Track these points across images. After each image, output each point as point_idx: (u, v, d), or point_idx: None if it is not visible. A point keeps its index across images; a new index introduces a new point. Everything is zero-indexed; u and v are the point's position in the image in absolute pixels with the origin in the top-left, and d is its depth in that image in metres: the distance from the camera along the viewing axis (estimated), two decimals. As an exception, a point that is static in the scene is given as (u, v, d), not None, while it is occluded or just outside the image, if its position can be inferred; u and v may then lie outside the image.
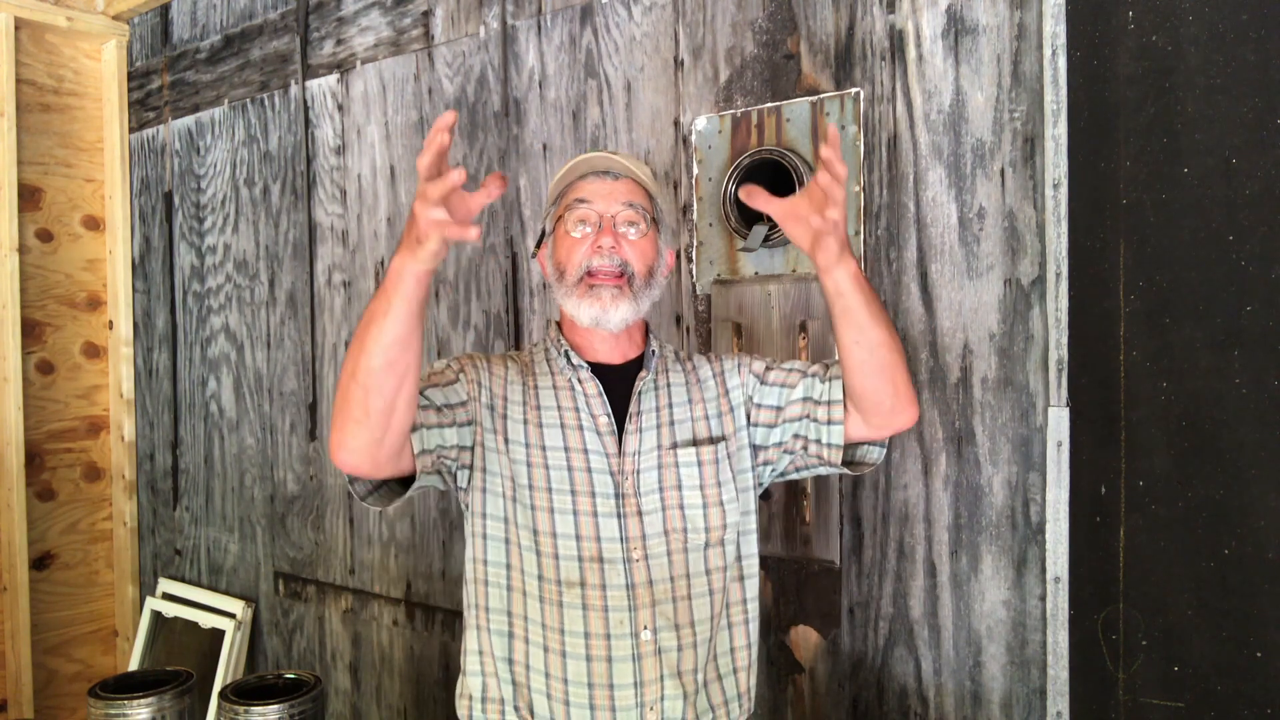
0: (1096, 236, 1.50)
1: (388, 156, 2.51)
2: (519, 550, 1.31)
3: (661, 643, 1.29)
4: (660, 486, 1.33)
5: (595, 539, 1.29)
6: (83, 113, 3.21)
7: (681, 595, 1.32)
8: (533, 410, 1.35)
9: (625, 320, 1.33)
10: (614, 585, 1.28)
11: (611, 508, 1.31)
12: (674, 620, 1.30)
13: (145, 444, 3.29)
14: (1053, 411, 1.53)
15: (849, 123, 1.74)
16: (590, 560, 1.29)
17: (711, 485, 1.36)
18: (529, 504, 1.30)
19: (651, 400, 1.38)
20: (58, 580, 3.11)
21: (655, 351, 1.42)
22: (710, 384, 1.43)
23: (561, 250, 1.37)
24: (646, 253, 1.36)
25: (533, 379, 1.39)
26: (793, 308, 1.80)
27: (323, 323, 2.70)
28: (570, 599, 1.28)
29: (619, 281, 1.33)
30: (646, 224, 1.36)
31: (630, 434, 1.34)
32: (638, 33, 2.04)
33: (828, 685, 1.79)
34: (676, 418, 1.38)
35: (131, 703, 2.27)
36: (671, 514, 1.33)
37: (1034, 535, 1.57)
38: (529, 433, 1.33)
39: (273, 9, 2.80)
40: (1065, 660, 1.52)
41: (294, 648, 2.82)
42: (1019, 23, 1.57)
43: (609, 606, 1.28)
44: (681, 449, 1.35)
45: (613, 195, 1.35)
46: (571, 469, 1.32)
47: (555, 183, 1.42)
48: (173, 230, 3.17)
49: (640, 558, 1.30)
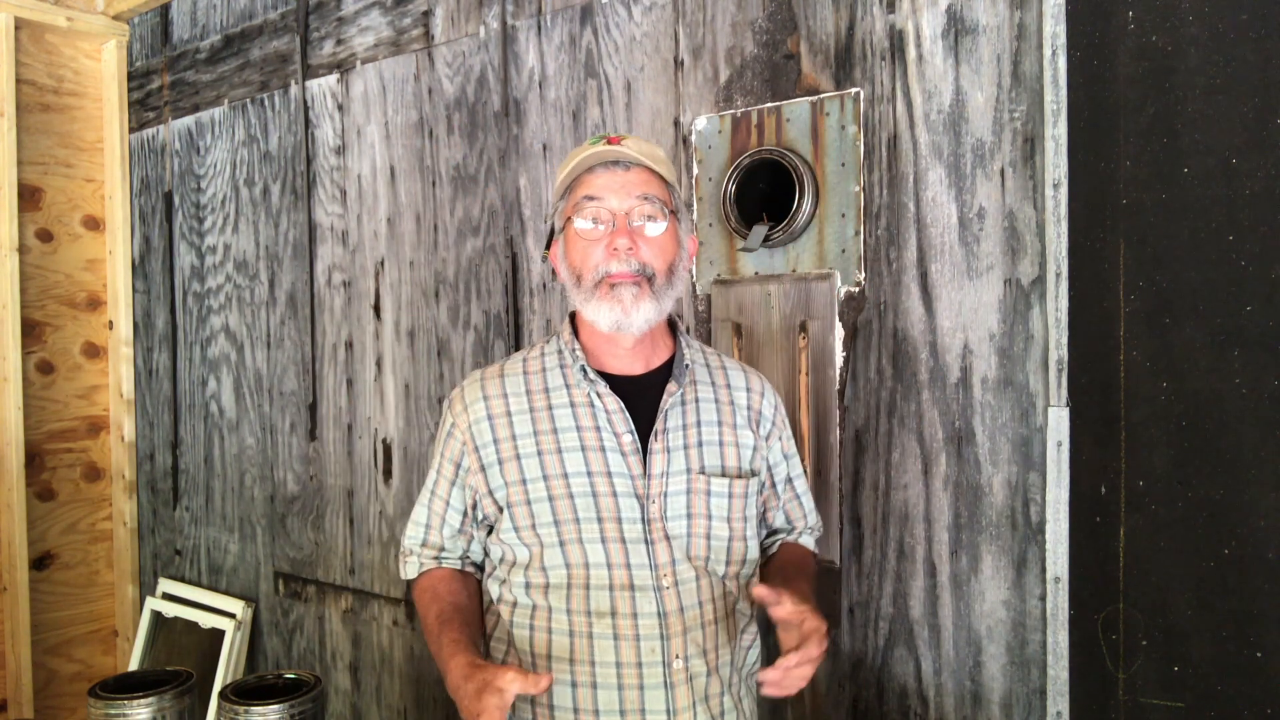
0: (1096, 236, 1.50)
1: (388, 156, 2.51)
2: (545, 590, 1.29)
3: (693, 669, 1.27)
4: (689, 513, 1.29)
5: (625, 566, 1.25)
6: (83, 113, 3.21)
7: (709, 620, 1.29)
8: (547, 436, 1.29)
9: (649, 322, 1.27)
10: (645, 614, 1.25)
11: (639, 533, 1.26)
12: (702, 646, 1.28)
13: (145, 444, 3.29)
14: (1053, 411, 1.53)
15: (849, 123, 1.74)
16: (621, 589, 1.25)
17: (739, 519, 1.33)
18: (557, 540, 1.27)
19: (679, 418, 1.31)
20: (58, 580, 3.11)
21: (686, 360, 1.35)
22: (744, 411, 1.38)
23: (575, 253, 1.29)
24: (666, 248, 1.28)
25: (544, 397, 1.32)
26: (793, 308, 1.80)
27: (323, 323, 2.70)
28: (600, 630, 1.25)
29: (638, 280, 1.26)
30: (664, 216, 1.28)
31: (656, 454, 1.28)
32: (638, 33, 2.04)
33: (828, 685, 1.79)
34: (705, 438, 1.32)
35: (131, 703, 2.27)
36: (698, 542, 1.29)
37: (1034, 535, 1.57)
38: (546, 464, 1.28)
39: (273, 9, 2.80)
40: (1065, 660, 1.52)
41: (294, 648, 2.82)
42: (1019, 23, 1.57)
43: (640, 635, 1.25)
44: (714, 478, 1.30)
45: (626, 189, 1.26)
46: (597, 495, 1.26)
47: (563, 175, 1.32)
48: (173, 230, 3.17)
49: (670, 584, 1.26)
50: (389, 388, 2.53)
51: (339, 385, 2.66)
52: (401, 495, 2.51)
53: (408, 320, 2.49)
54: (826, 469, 1.76)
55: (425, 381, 2.45)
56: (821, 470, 1.76)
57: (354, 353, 2.62)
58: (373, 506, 2.58)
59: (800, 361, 1.78)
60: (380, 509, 2.56)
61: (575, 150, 1.32)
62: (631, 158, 1.26)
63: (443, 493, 1.37)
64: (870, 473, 1.73)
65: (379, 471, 2.56)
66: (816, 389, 1.77)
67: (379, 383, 2.55)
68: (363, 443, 2.60)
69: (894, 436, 1.71)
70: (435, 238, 2.42)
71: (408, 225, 2.48)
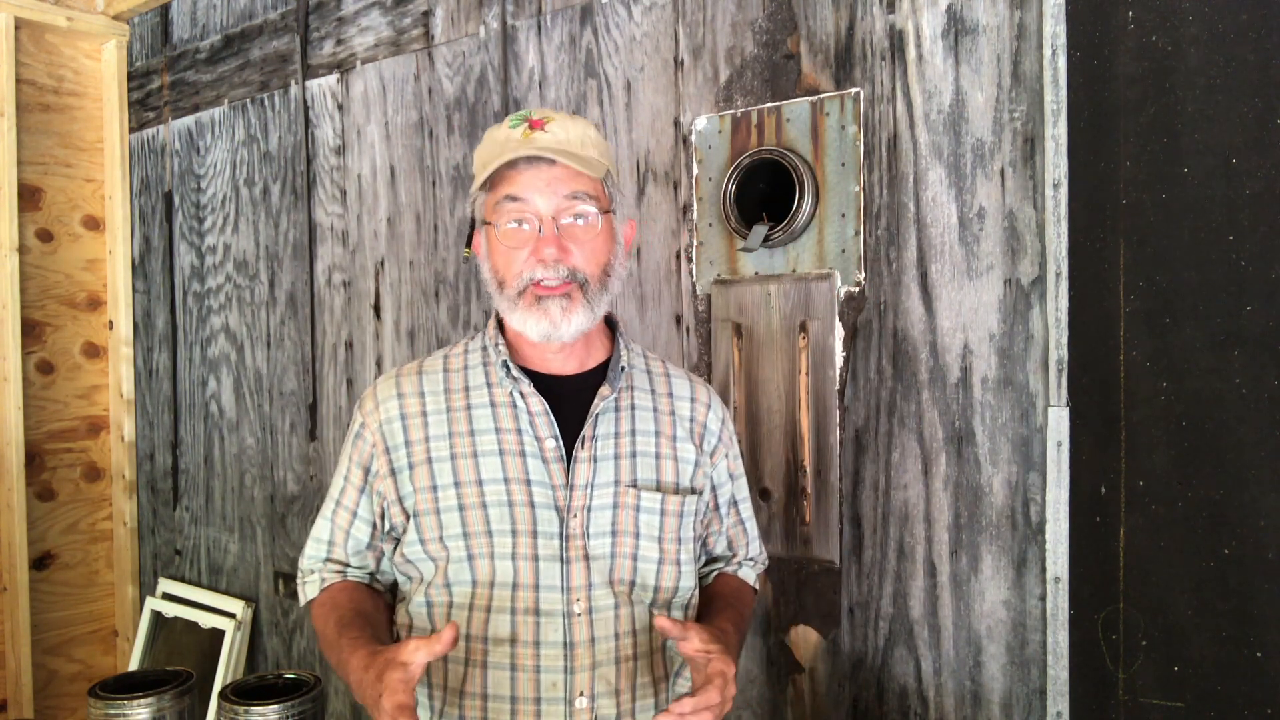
0: (1096, 236, 1.50)
1: (388, 156, 2.51)
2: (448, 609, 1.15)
3: (600, 711, 1.12)
4: (614, 530, 1.15)
5: (534, 587, 1.12)
6: (83, 113, 3.21)
7: (626, 656, 1.15)
8: (463, 439, 1.16)
9: (581, 330, 1.15)
10: (549, 642, 1.11)
11: (555, 550, 1.13)
12: (614, 685, 1.13)
13: (145, 444, 3.29)
14: (1053, 411, 1.53)
15: (849, 123, 1.74)
16: (525, 613, 1.12)
17: (671, 541, 1.19)
18: (465, 554, 1.13)
19: (610, 424, 1.19)
20: (58, 580, 3.11)
21: (623, 362, 1.22)
22: (685, 423, 1.25)
23: (498, 256, 1.17)
24: (599, 250, 1.16)
25: (464, 396, 1.19)
26: (793, 308, 1.80)
27: (323, 323, 2.70)
28: (497, 659, 1.12)
29: (568, 288, 1.13)
30: (597, 213, 1.15)
31: (581, 462, 1.15)
32: (638, 33, 2.04)
33: (828, 685, 1.79)
34: (639, 448, 1.19)
35: (131, 703, 2.27)
36: (622, 563, 1.15)
37: (1034, 535, 1.57)
38: (460, 469, 1.15)
39: (273, 9, 2.80)
40: (1065, 660, 1.52)
41: (294, 648, 2.82)
42: (1019, 23, 1.57)
43: (541, 667, 1.11)
44: (645, 491, 1.17)
45: (552, 186, 1.12)
46: (512, 504, 1.13)
47: (479, 161, 1.17)
48: (173, 230, 3.17)
49: (583, 611, 1.13)
50: (389, 388, 2.53)
51: (339, 385, 2.66)
52: (401, 495, 2.51)
53: (408, 320, 2.49)
54: (826, 469, 1.76)
55: (425, 381, 2.45)
56: (821, 470, 1.76)
57: (354, 353, 2.62)
58: (373, 506, 2.58)
59: (800, 361, 1.78)
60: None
61: (493, 129, 1.18)
62: (552, 157, 1.11)
63: (349, 502, 1.23)
64: (870, 473, 1.73)
65: (379, 471, 2.56)
66: (816, 389, 1.77)
67: (379, 383, 2.55)
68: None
69: (894, 436, 1.71)
70: (435, 238, 2.42)
71: (408, 225, 2.48)
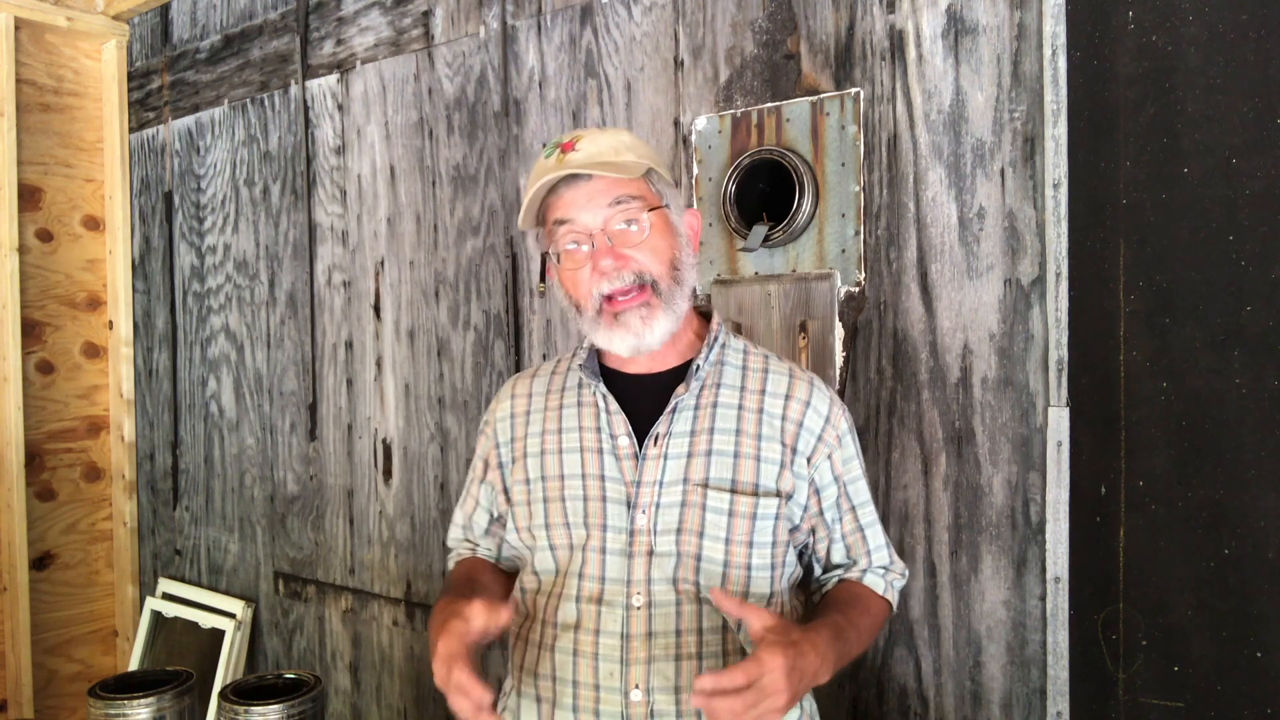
0: (1096, 236, 1.50)
1: (388, 156, 2.51)
2: (535, 595, 1.23)
3: (656, 706, 1.11)
4: (679, 528, 1.15)
5: (600, 579, 1.16)
6: (83, 113, 3.21)
7: (687, 654, 1.13)
8: (552, 436, 1.24)
9: (668, 332, 1.17)
10: (608, 631, 1.14)
11: (622, 544, 1.16)
12: (673, 682, 1.12)
13: (145, 444, 3.29)
14: (1053, 411, 1.53)
15: (849, 123, 1.74)
16: (589, 601, 1.15)
17: (741, 544, 1.16)
18: (547, 544, 1.21)
19: (687, 422, 1.19)
20: (58, 580, 3.11)
21: (700, 359, 1.21)
22: (775, 421, 1.20)
23: (566, 281, 1.20)
24: (660, 247, 1.16)
25: (559, 396, 1.27)
26: (793, 308, 1.80)
27: (323, 323, 2.70)
28: (563, 643, 1.16)
29: (643, 296, 1.15)
30: (646, 212, 1.16)
31: (651, 460, 1.17)
32: (638, 33, 2.04)
33: (828, 685, 1.79)
34: (716, 446, 1.18)
35: (131, 703, 2.27)
36: (687, 562, 1.15)
37: (1034, 535, 1.57)
38: (547, 464, 1.22)
39: (273, 9, 2.80)
40: (1065, 660, 1.52)
41: (294, 648, 2.82)
42: (1019, 23, 1.57)
43: (600, 654, 1.13)
44: (714, 491, 1.16)
45: (593, 200, 1.15)
46: (587, 498, 1.18)
47: (527, 200, 1.21)
48: (173, 230, 3.17)
49: (643, 605, 1.14)
50: (389, 388, 2.53)
51: (339, 385, 2.66)
52: (401, 495, 2.51)
53: (408, 320, 2.49)
54: (826, 469, 1.76)
55: (425, 381, 2.45)
56: (821, 470, 1.76)
57: (354, 353, 2.62)
58: (373, 506, 2.58)
59: (800, 361, 1.78)
60: (380, 509, 2.56)
61: (536, 165, 1.22)
62: (588, 172, 1.14)
63: (474, 491, 1.36)
64: (870, 473, 1.73)
65: (379, 471, 2.56)
66: (816, 389, 1.77)
67: (379, 383, 2.55)
68: (363, 443, 2.60)
69: (894, 436, 1.71)
70: (435, 238, 2.42)
71: (408, 225, 2.48)
